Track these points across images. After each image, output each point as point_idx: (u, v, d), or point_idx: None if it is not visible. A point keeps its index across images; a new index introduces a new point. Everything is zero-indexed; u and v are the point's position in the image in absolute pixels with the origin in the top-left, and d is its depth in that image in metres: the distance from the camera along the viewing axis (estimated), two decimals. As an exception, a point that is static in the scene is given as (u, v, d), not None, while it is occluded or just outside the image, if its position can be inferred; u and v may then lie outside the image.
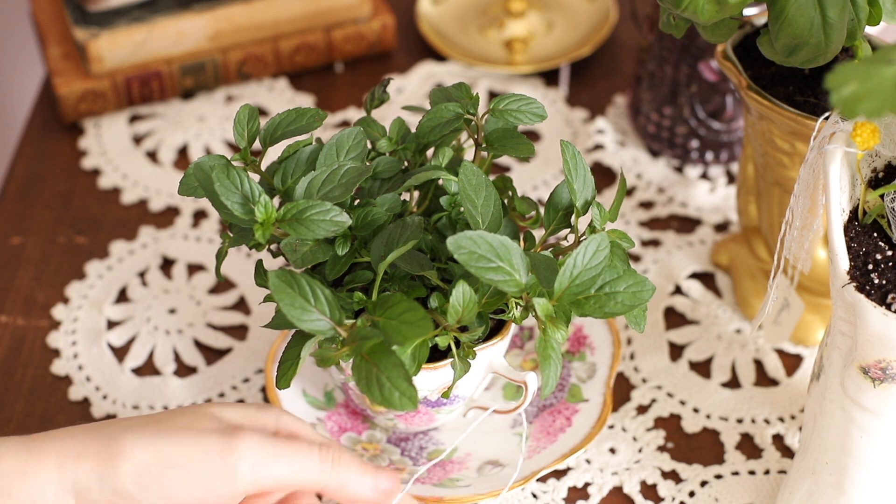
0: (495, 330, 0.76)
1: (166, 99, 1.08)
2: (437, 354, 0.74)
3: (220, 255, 0.75)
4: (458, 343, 0.71)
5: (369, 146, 0.78)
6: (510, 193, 0.78)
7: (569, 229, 0.74)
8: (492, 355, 0.75)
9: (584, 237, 0.72)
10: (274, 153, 0.94)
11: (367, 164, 0.76)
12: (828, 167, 0.67)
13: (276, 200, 0.74)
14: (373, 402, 0.65)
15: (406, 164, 0.78)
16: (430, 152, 0.79)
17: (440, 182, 0.77)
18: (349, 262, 0.73)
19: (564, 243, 0.75)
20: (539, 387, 0.76)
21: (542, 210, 0.79)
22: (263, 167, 0.86)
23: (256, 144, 1.00)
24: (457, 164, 0.77)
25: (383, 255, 0.71)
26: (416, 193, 0.79)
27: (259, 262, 0.75)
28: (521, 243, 0.75)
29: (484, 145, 0.77)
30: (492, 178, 0.79)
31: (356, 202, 0.75)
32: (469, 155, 0.87)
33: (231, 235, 0.74)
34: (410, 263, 0.71)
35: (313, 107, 0.95)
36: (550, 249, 0.74)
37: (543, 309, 0.67)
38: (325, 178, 0.71)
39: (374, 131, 0.78)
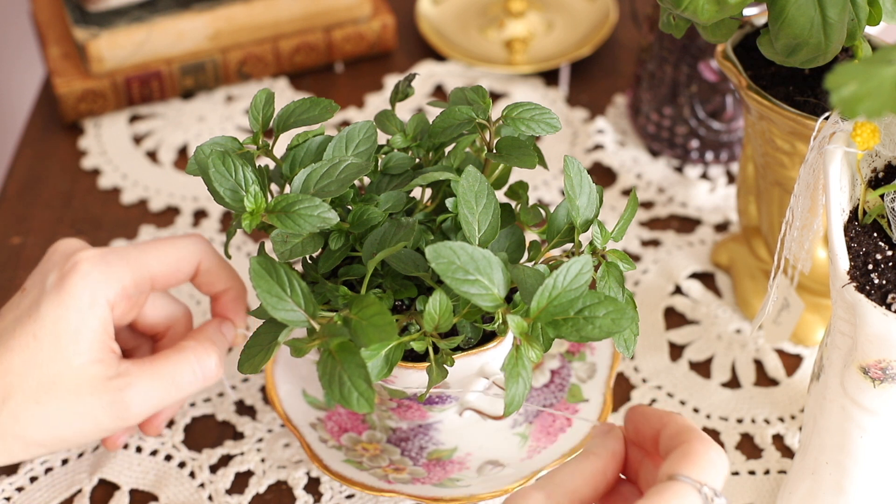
0: (493, 336, 0.75)
1: (166, 99, 1.09)
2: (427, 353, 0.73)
3: (230, 234, 0.74)
4: (437, 349, 0.71)
5: (385, 140, 0.78)
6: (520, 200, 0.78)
7: (573, 244, 0.73)
8: (483, 361, 0.75)
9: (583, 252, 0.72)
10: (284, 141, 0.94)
11: (379, 158, 0.76)
12: (828, 167, 0.67)
13: (288, 188, 0.74)
14: (332, 398, 0.65)
15: (419, 161, 0.77)
16: (448, 149, 0.78)
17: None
18: (342, 256, 0.73)
19: (566, 260, 0.74)
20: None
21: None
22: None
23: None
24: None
25: (375, 252, 0.70)
26: (428, 191, 0.79)
27: (261, 245, 0.74)
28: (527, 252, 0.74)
29: (492, 152, 0.76)
30: (511, 181, 0.79)
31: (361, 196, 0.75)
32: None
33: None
34: (404, 263, 0.71)
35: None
36: (550, 263, 0.73)
37: (518, 326, 0.66)
38: (323, 172, 0.71)
39: (392, 126, 0.77)
